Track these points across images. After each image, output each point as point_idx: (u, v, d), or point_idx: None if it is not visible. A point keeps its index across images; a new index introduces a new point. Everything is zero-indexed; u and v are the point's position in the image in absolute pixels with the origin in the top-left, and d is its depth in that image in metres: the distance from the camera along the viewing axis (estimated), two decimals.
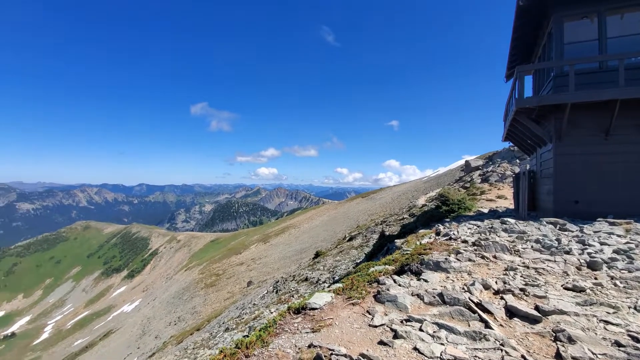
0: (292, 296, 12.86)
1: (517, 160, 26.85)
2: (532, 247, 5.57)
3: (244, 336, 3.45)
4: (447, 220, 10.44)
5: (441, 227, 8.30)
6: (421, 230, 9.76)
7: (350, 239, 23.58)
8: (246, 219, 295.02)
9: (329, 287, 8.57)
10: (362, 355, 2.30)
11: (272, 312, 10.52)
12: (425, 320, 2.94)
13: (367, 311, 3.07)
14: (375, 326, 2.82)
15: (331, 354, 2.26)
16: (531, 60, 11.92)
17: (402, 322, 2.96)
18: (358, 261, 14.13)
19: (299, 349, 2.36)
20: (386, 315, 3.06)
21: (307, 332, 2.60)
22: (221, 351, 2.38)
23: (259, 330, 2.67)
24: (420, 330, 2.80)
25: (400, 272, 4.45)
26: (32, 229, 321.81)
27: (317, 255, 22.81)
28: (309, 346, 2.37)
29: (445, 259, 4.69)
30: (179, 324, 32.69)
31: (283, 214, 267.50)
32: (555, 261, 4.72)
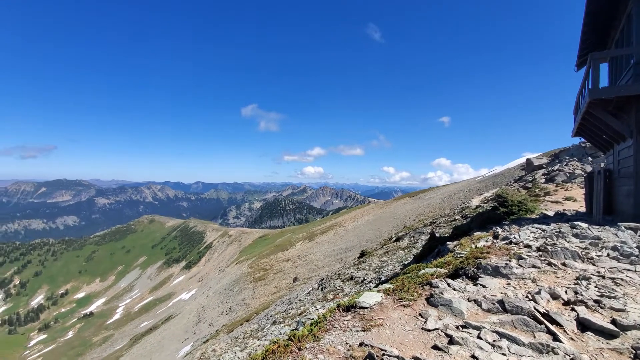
0: (338, 294, 12.88)
1: (589, 158, 23.98)
2: (608, 254, 4.93)
3: (292, 330, 3.52)
4: (506, 222, 9.66)
5: (499, 230, 7.71)
6: (476, 233, 9.16)
7: (397, 240, 22.97)
8: (292, 216, 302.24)
9: (375, 287, 8.41)
10: (416, 358, 2.21)
11: (317, 309, 10.62)
12: (483, 327, 2.74)
13: (420, 314, 2.95)
14: (429, 330, 2.70)
15: (383, 354, 2.21)
16: (607, 46, 10.47)
17: (457, 327, 2.80)
18: (406, 262, 13.72)
19: (350, 346, 2.35)
20: (440, 319, 2.92)
21: (357, 331, 2.58)
22: (275, 342, 2.46)
23: (310, 325, 2.71)
24: (479, 337, 2.62)
25: (454, 275, 4.22)
26: (107, 220, 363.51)
27: (362, 254, 22.60)
28: (360, 344, 2.35)
29: (506, 264, 4.34)
30: (230, 314, 34.58)
31: (328, 212, 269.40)
32: (635, 271, 4.12)
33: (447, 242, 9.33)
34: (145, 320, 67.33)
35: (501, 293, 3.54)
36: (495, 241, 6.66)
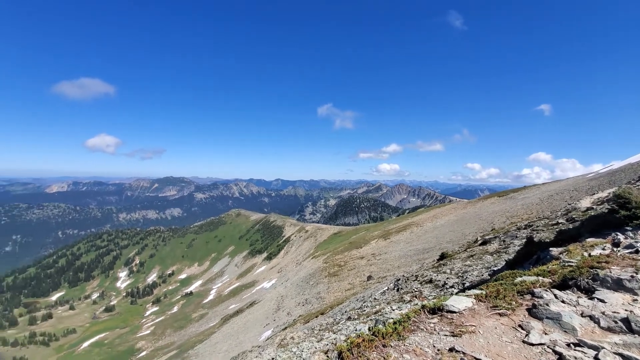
0: (415, 297, 12.28)
1: None
2: None
3: (369, 327, 3.42)
4: (629, 228, 7.88)
5: (621, 237, 6.33)
6: (589, 239, 7.69)
7: (484, 243, 20.83)
8: (367, 214, 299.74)
9: (457, 292, 7.74)
10: None
11: (393, 309, 10.26)
12: (602, 348, 2.25)
13: (519, 325, 2.56)
14: (532, 344, 2.31)
15: None
16: None
17: (568, 345, 2.35)
18: (495, 268, 12.34)
19: (439, 350, 2.16)
20: (546, 334, 2.48)
21: (445, 335, 2.37)
22: (359, 335, 2.44)
23: (393, 324, 2.60)
24: (596, 359, 2.15)
25: (562, 286, 3.57)
26: (203, 213, 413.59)
27: (442, 257, 21.14)
28: (450, 350, 2.14)
29: (632, 276, 3.50)
30: (306, 305, 36.02)
31: (404, 211, 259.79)
32: None
33: (550, 249, 8.05)
34: (233, 303, 74.71)
35: (625, 310, 2.87)
36: (615, 249, 5.48)
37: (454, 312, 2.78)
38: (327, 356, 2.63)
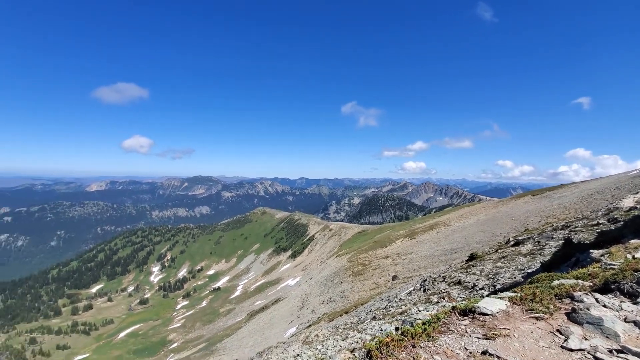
0: (443, 298, 11.99)
1: None
2: None
3: (396, 327, 3.37)
4: None
5: None
6: (633, 241, 7.18)
7: (517, 244, 19.95)
8: (392, 213, 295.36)
9: (488, 294, 7.50)
10: None
11: (420, 310, 10.08)
12: None
13: (558, 330, 2.44)
14: (571, 350, 2.20)
15: None
16: None
17: (611, 352, 2.21)
18: (529, 271, 11.79)
19: (471, 352, 2.10)
20: (586, 339, 2.35)
21: (478, 338, 2.29)
22: (388, 335, 2.43)
23: (423, 324, 2.56)
24: None
25: (603, 290, 3.36)
26: (230, 211, 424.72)
27: (471, 257, 20.45)
28: (484, 353, 2.07)
29: None
30: (330, 304, 36.11)
31: (431, 210, 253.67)
32: None
33: (590, 251, 7.57)
34: (259, 300, 76.25)
35: None
36: None
37: (487, 315, 2.69)
38: (354, 355, 2.64)
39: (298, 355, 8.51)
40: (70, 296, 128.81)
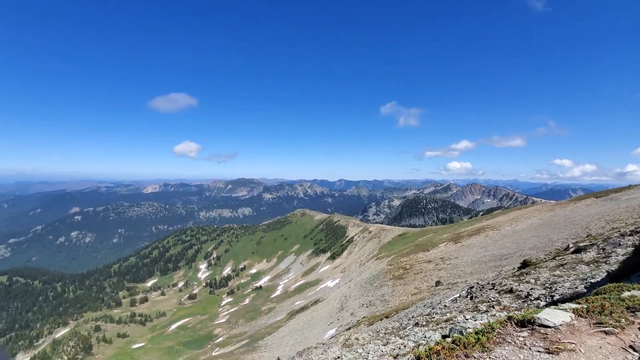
0: (492, 307, 11.22)
1: None
2: None
3: (443, 335, 3.18)
4: None
5: None
6: None
7: (577, 251, 18.11)
8: (434, 215, 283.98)
9: (545, 305, 6.91)
10: None
11: (467, 319, 9.51)
12: None
13: (630, 346, 2.12)
14: None
15: None
16: None
17: None
18: (593, 281, 10.64)
19: None
20: None
21: (539, 351, 2.06)
22: (438, 342, 2.29)
23: (475, 334, 2.37)
24: None
25: None
26: (271, 212, 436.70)
27: (524, 264, 18.95)
28: None
29: None
30: (370, 307, 35.52)
31: (478, 213, 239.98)
32: None
33: None
34: (299, 300, 77.29)
35: None
36: None
37: (549, 327, 2.42)
38: None
39: (338, 357, 8.43)
40: (129, 289, 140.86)
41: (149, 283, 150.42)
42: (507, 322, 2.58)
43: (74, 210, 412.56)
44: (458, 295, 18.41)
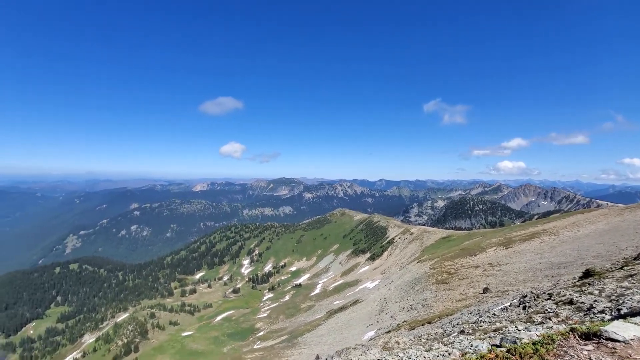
0: (549, 318, 10.31)
1: None
2: None
3: (492, 345, 3.00)
4: None
5: None
6: None
7: None
8: (482, 218, 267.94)
9: (611, 319, 6.28)
10: None
11: (519, 330, 8.87)
12: None
13: None
14: None
15: None
16: None
17: None
18: None
19: None
20: None
21: None
22: (490, 351, 2.16)
23: (533, 344, 2.20)
24: None
25: None
26: (311, 211, 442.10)
27: (586, 274, 17.16)
28: None
29: None
30: (411, 311, 34.47)
31: (532, 216, 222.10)
32: None
33: None
34: (337, 300, 77.34)
35: None
36: None
37: (617, 341, 2.15)
38: None
39: None
40: (180, 280, 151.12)
41: (197, 275, 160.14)
42: (569, 333, 2.36)
43: (133, 206, 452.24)
44: (509, 304, 17.20)
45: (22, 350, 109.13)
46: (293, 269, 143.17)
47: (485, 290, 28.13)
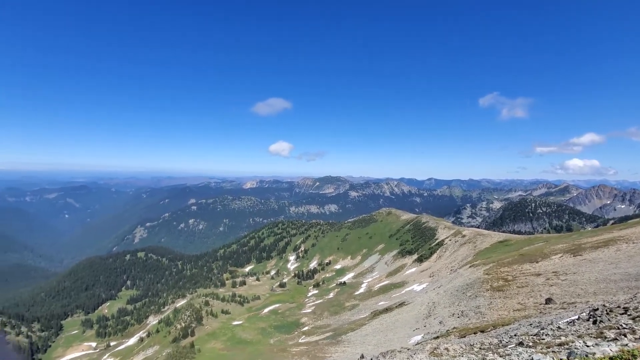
0: (624, 335, 9.09)
1: None
2: None
3: None
4: None
5: None
6: None
7: None
8: (546, 222, 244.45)
9: None
10: None
11: (588, 345, 7.98)
12: None
13: None
14: None
15: None
16: None
17: None
18: None
19: None
20: None
21: None
22: None
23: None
24: None
25: None
26: (356, 210, 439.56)
27: None
28: None
29: None
30: (461, 318, 32.61)
31: (607, 221, 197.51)
32: None
33: None
34: (382, 300, 75.94)
35: None
36: None
37: None
38: None
39: None
40: (231, 272, 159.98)
41: (247, 268, 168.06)
42: None
43: (191, 201, 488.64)
44: (576, 317, 15.47)
45: (98, 327, 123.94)
46: (338, 267, 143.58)
47: (548, 300, 25.63)
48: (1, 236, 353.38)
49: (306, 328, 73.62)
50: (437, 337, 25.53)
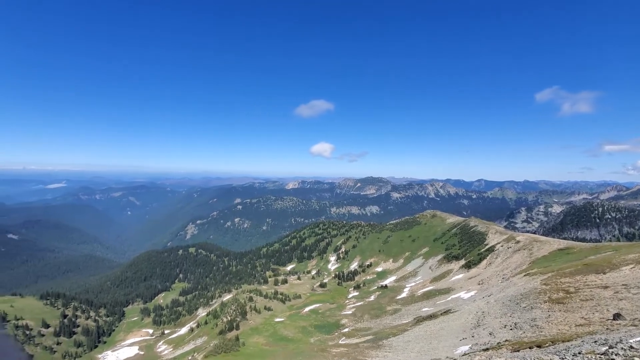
0: None
1: None
2: None
3: None
4: None
5: None
6: None
7: None
8: (616, 228, 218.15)
9: None
10: None
11: None
12: None
13: None
14: None
15: None
16: None
17: None
18: None
19: None
20: None
21: None
22: None
23: None
24: None
25: None
26: (398, 212, 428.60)
27: None
28: None
29: None
30: (514, 330, 30.21)
31: None
32: None
33: None
34: (426, 306, 72.98)
35: None
36: None
37: None
38: None
39: None
40: (274, 270, 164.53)
41: (288, 267, 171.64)
42: None
43: (237, 201, 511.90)
44: None
45: (154, 315, 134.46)
46: (379, 269, 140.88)
47: (617, 316, 22.80)
48: (76, 230, 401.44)
49: (346, 330, 73.20)
50: (487, 349, 23.91)
